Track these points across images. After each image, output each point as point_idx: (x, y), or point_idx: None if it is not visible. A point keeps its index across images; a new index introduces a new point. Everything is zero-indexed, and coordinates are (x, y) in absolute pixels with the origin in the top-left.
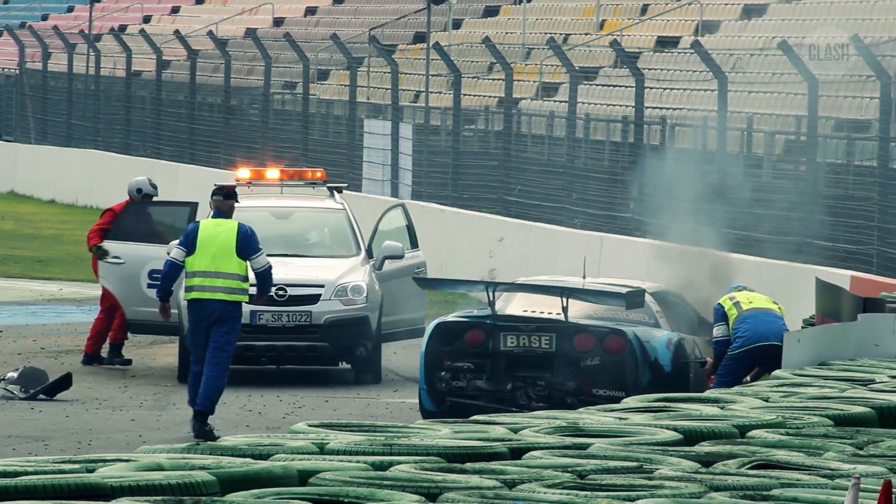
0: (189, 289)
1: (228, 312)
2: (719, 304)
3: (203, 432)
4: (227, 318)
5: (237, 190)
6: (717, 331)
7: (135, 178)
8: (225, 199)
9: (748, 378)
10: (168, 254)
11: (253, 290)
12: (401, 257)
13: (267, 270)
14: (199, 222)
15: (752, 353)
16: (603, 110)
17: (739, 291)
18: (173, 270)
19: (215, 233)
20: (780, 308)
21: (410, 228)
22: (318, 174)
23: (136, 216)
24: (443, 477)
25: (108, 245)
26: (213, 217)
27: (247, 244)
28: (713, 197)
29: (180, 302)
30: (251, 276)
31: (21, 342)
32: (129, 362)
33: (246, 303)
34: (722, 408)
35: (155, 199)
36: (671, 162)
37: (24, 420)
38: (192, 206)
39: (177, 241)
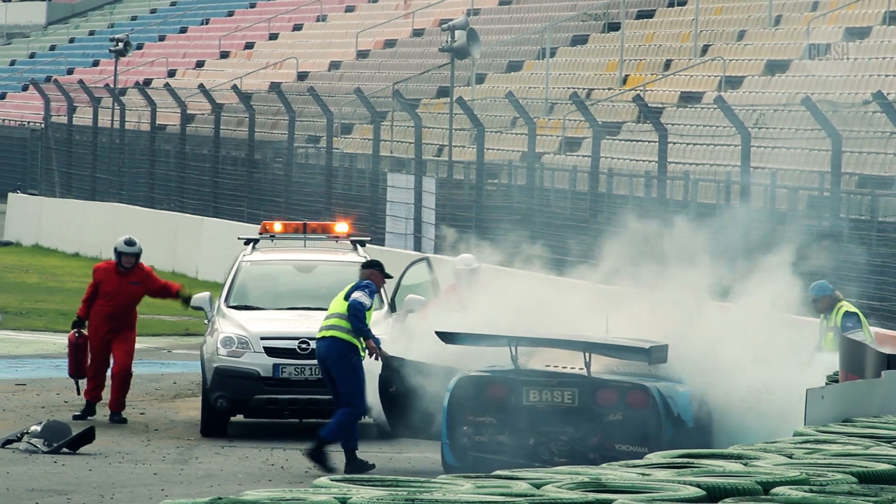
0: None
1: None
2: (853, 312)
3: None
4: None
5: (260, 242)
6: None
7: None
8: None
9: None
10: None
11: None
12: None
13: (352, 304)
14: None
15: None
16: (626, 165)
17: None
18: None
19: None
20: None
21: (435, 282)
22: (345, 227)
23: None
24: None
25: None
26: None
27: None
28: (735, 252)
29: (203, 351)
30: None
31: (45, 395)
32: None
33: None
34: (745, 464)
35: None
36: (694, 217)
37: (47, 474)
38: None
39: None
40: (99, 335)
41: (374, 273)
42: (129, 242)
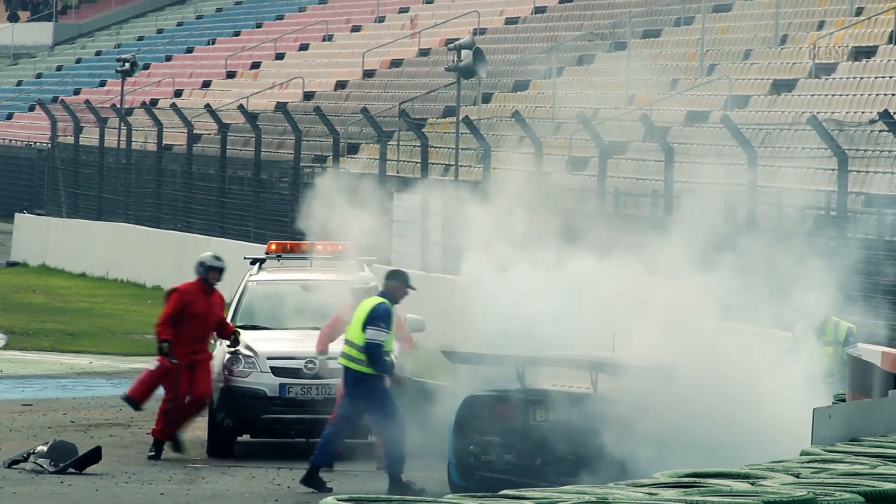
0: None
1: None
2: (853, 326)
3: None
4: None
5: (267, 262)
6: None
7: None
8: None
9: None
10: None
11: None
12: (422, 330)
13: (368, 346)
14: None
15: None
16: (632, 184)
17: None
18: None
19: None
20: None
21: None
22: (340, 247)
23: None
24: None
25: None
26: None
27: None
28: (741, 271)
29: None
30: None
31: (51, 415)
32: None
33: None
34: (753, 483)
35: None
36: (700, 235)
37: (54, 494)
38: None
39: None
40: (183, 360)
41: (398, 287)
42: (218, 257)
